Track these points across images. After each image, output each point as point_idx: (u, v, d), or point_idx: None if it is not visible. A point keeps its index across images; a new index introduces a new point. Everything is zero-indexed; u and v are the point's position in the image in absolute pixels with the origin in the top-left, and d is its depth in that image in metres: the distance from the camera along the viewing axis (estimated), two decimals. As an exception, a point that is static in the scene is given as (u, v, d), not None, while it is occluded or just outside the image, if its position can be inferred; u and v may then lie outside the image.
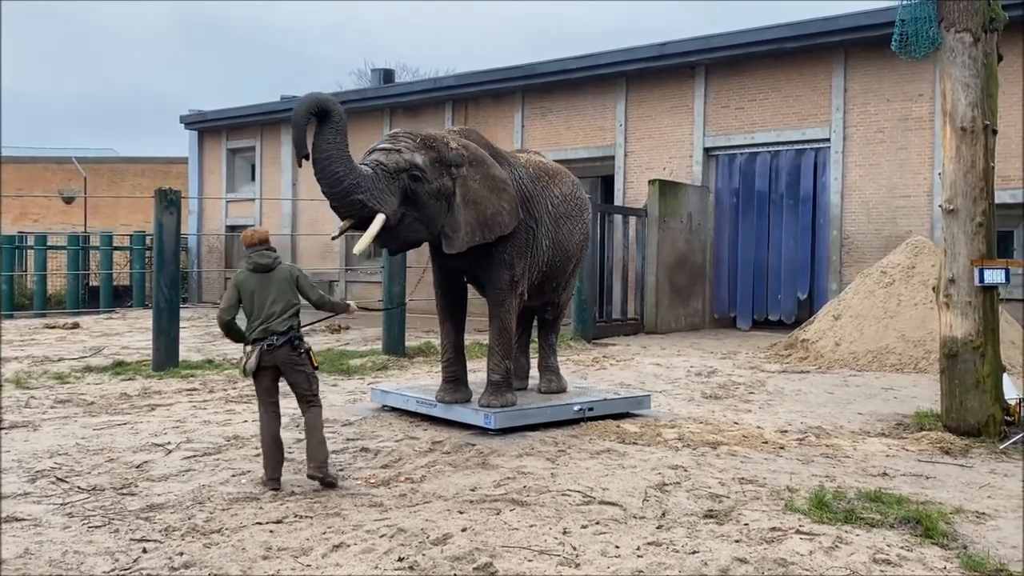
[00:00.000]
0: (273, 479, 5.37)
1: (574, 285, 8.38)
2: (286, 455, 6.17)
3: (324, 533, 4.41)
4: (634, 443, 6.57)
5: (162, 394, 8.75)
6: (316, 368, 5.54)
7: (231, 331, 5.53)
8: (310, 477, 5.34)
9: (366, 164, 6.20)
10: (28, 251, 24.14)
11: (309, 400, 5.50)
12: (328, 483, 5.31)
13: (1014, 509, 5.00)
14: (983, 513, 4.90)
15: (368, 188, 6.04)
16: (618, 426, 7.13)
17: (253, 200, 25.07)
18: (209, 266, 25.92)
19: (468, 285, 7.43)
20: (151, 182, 28.84)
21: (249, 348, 5.39)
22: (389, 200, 6.17)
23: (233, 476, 5.60)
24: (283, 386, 5.53)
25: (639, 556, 4.11)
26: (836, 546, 4.24)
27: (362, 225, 6.18)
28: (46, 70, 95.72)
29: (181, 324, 11.08)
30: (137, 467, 5.82)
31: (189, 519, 4.67)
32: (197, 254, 26.11)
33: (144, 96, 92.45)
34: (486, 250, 6.85)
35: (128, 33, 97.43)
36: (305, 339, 5.50)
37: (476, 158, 6.73)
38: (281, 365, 5.38)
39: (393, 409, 7.78)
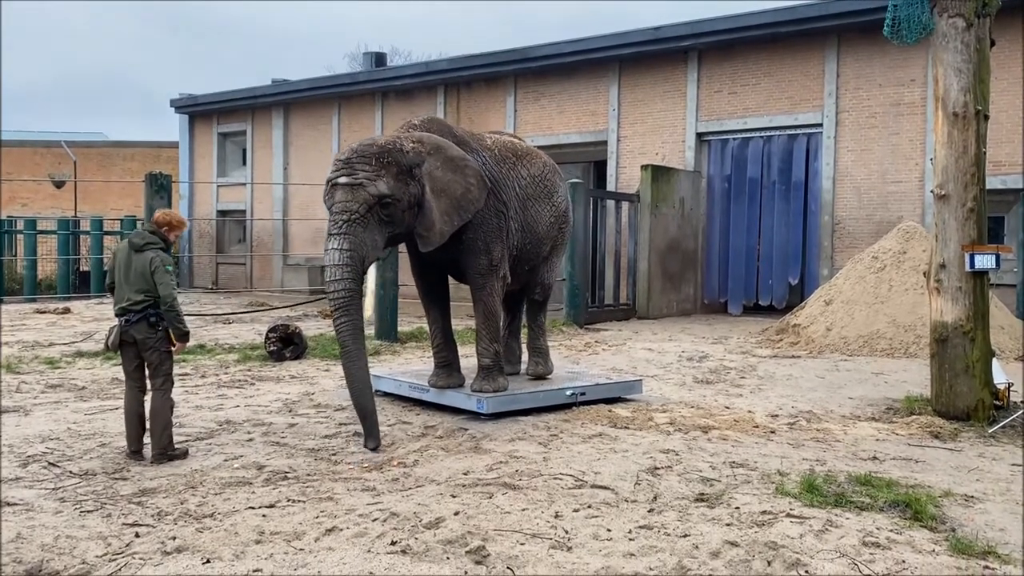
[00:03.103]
0: (135, 452, 5.66)
1: (557, 267, 8.21)
2: (280, 440, 6.20)
3: (317, 517, 4.42)
4: (626, 427, 6.59)
5: (154, 379, 8.73)
6: (173, 347, 5.74)
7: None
8: (155, 463, 5.56)
9: (335, 225, 6.01)
10: (17, 236, 24.00)
11: (158, 380, 5.71)
12: (177, 457, 5.63)
13: (1002, 492, 5.04)
14: (971, 496, 4.94)
15: (356, 273, 6.07)
16: (610, 411, 7.15)
17: (244, 185, 24.96)
18: (200, 251, 25.83)
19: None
20: (141, 166, 28.69)
21: (115, 323, 5.68)
22: (375, 248, 6.17)
23: (225, 461, 5.60)
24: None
25: (631, 539, 4.14)
26: (826, 529, 4.27)
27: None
28: (33, 53, 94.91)
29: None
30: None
31: (181, 503, 4.67)
32: (188, 239, 25.99)
33: (133, 80, 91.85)
34: (458, 239, 6.76)
35: (116, 17, 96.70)
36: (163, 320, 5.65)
37: (433, 146, 6.55)
38: (139, 342, 5.62)
39: (386, 394, 7.79)
